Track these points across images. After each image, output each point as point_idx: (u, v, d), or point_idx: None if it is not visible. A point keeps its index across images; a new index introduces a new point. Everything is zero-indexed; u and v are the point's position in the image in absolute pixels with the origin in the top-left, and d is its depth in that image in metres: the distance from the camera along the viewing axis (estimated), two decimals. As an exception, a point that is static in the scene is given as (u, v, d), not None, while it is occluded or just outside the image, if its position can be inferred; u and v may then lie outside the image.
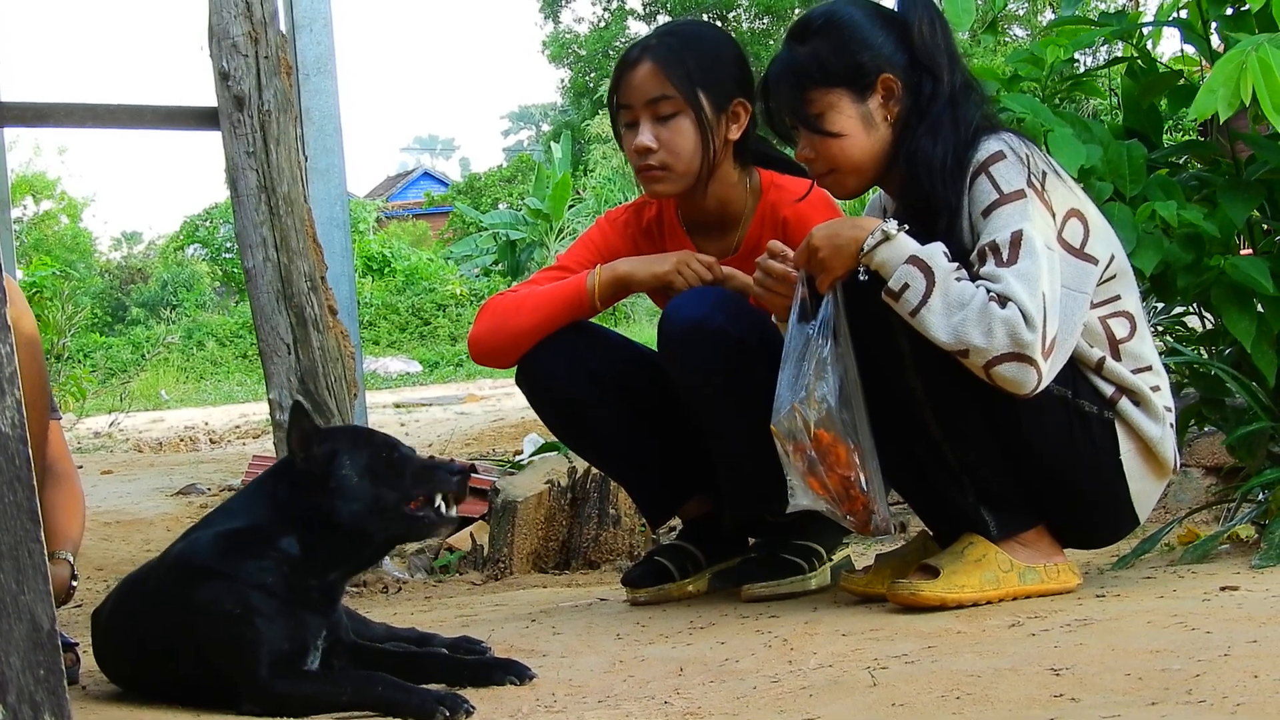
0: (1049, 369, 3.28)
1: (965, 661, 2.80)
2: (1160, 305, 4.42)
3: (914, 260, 3.31)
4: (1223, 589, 3.38)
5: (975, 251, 3.35)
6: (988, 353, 3.23)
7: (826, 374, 3.48)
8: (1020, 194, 3.36)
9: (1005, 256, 3.28)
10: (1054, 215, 3.38)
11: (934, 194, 3.46)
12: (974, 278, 3.30)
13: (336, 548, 3.00)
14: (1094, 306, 3.46)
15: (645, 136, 3.95)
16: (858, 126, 3.61)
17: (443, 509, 3.02)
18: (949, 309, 3.26)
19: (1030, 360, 3.23)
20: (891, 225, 3.37)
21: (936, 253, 3.32)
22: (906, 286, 3.30)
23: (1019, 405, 3.37)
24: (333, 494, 2.96)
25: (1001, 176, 3.39)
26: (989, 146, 3.44)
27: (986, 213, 3.37)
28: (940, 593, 3.45)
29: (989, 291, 3.24)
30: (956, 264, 3.31)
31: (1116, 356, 3.49)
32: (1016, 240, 3.29)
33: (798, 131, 3.68)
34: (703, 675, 2.94)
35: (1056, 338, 3.28)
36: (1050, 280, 3.28)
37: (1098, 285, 3.45)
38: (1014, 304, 3.21)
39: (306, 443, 2.98)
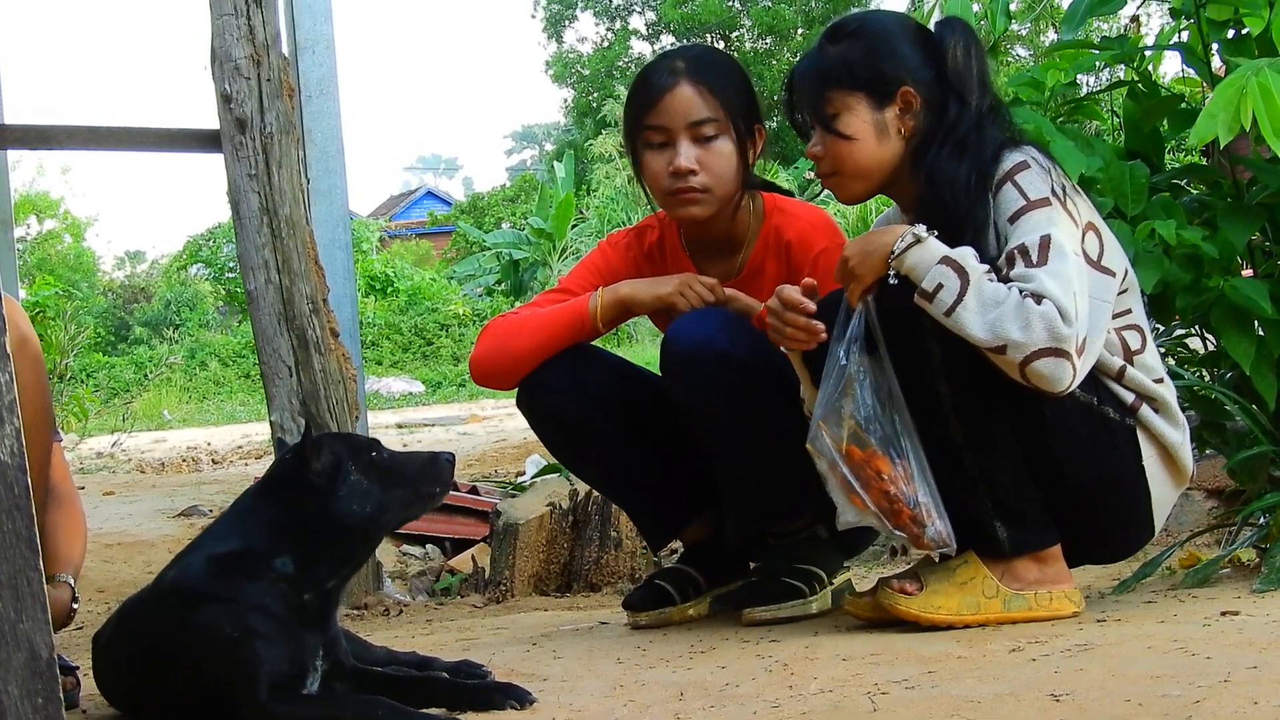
0: (1081, 367, 3.29)
1: (966, 687, 2.80)
2: (1160, 328, 4.42)
3: (946, 261, 3.32)
4: (1223, 614, 3.38)
5: (1004, 256, 3.36)
6: (1026, 347, 3.22)
7: (854, 389, 3.47)
8: (1046, 201, 3.39)
9: (1035, 258, 3.29)
10: (1076, 225, 3.41)
11: (958, 210, 3.47)
12: (1004, 281, 3.30)
13: (337, 554, 3.00)
14: (1111, 318, 3.49)
15: (686, 158, 3.94)
16: (870, 132, 3.63)
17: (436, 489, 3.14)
18: (984, 307, 3.26)
19: (1067, 355, 3.23)
20: (921, 229, 3.38)
21: (968, 254, 3.33)
22: (940, 287, 3.30)
23: (1045, 412, 3.39)
24: (344, 500, 2.98)
25: (1027, 184, 3.42)
26: (1013, 158, 3.47)
27: (1013, 219, 3.39)
28: (915, 610, 3.47)
29: (1022, 291, 3.25)
30: (987, 266, 3.32)
31: (1131, 367, 3.51)
32: (1045, 243, 3.30)
33: (813, 129, 3.70)
34: (703, 699, 2.93)
35: (1088, 339, 3.30)
36: (1081, 283, 3.29)
37: (1116, 296, 3.48)
38: (1049, 300, 3.22)
39: (315, 457, 2.99)
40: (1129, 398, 3.50)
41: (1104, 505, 3.55)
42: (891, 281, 3.41)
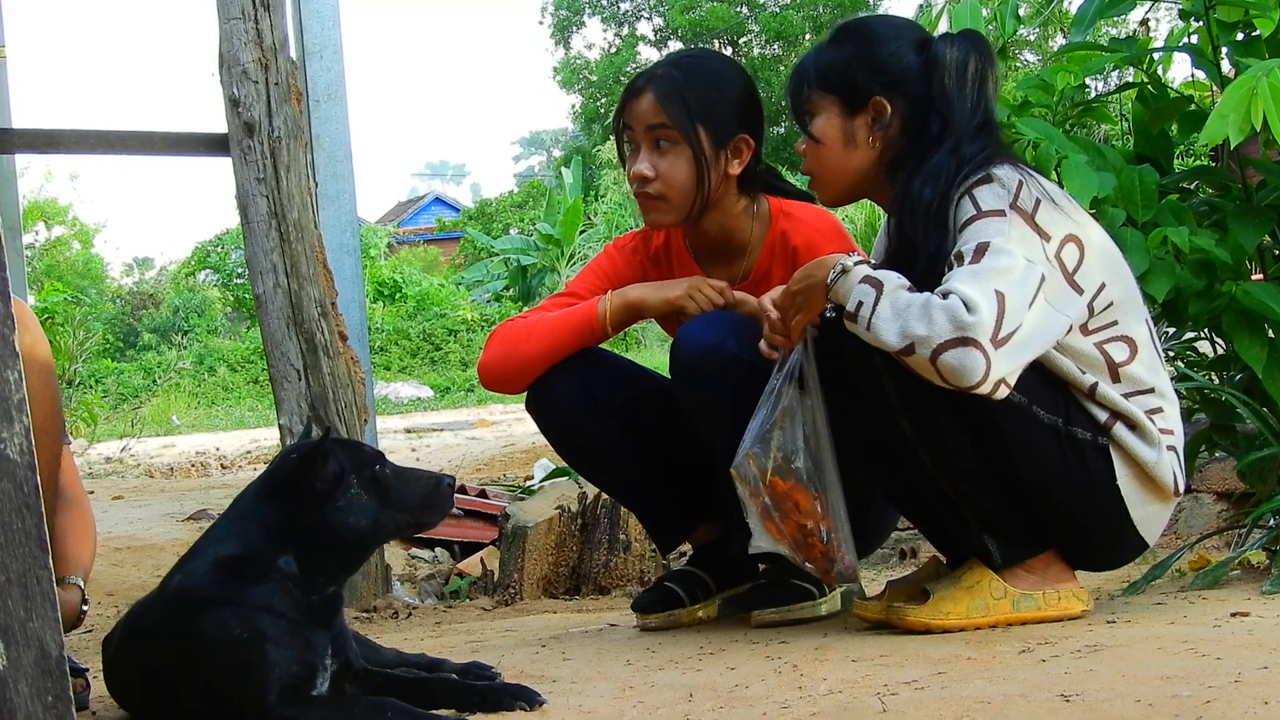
0: (1000, 360, 3.20)
1: (975, 688, 2.79)
2: (1171, 330, 4.42)
3: (867, 279, 3.32)
4: (1233, 615, 3.38)
5: (945, 265, 3.35)
6: (931, 341, 3.18)
7: (787, 423, 3.56)
8: (999, 213, 3.34)
9: (967, 261, 3.27)
10: (1049, 239, 3.35)
11: (917, 240, 3.45)
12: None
13: (332, 561, 3.00)
14: (1090, 332, 3.44)
15: (643, 165, 3.97)
16: (837, 138, 3.64)
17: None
18: (896, 313, 3.24)
19: (974, 343, 3.16)
20: (850, 259, 3.39)
21: (889, 273, 3.32)
22: (860, 304, 3.30)
23: (1009, 437, 3.37)
24: (341, 511, 2.98)
25: (982, 198, 3.38)
26: (977, 173, 3.43)
27: (962, 229, 3.37)
28: (925, 618, 3.47)
29: (934, 292, 3.24)
30: (908, 283, 3.30)
31: (1115, 379, 3.46)
32: (981, 249, 3.27)
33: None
34: (712, 701, 2.93)
35: (1016, 335, 3.22)
36: (1020, 285, 3.24)
37: (1095, 314, 3.44)
38: (955, 294, 3.19)
39: (322, 462, 2.98)
40: (1102, 416, 3.45)
41: (1083, 522, 3.52)
42: (829, 314, 3.43)
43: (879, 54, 3.63)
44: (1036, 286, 3.28)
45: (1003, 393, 3.26)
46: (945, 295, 3.21)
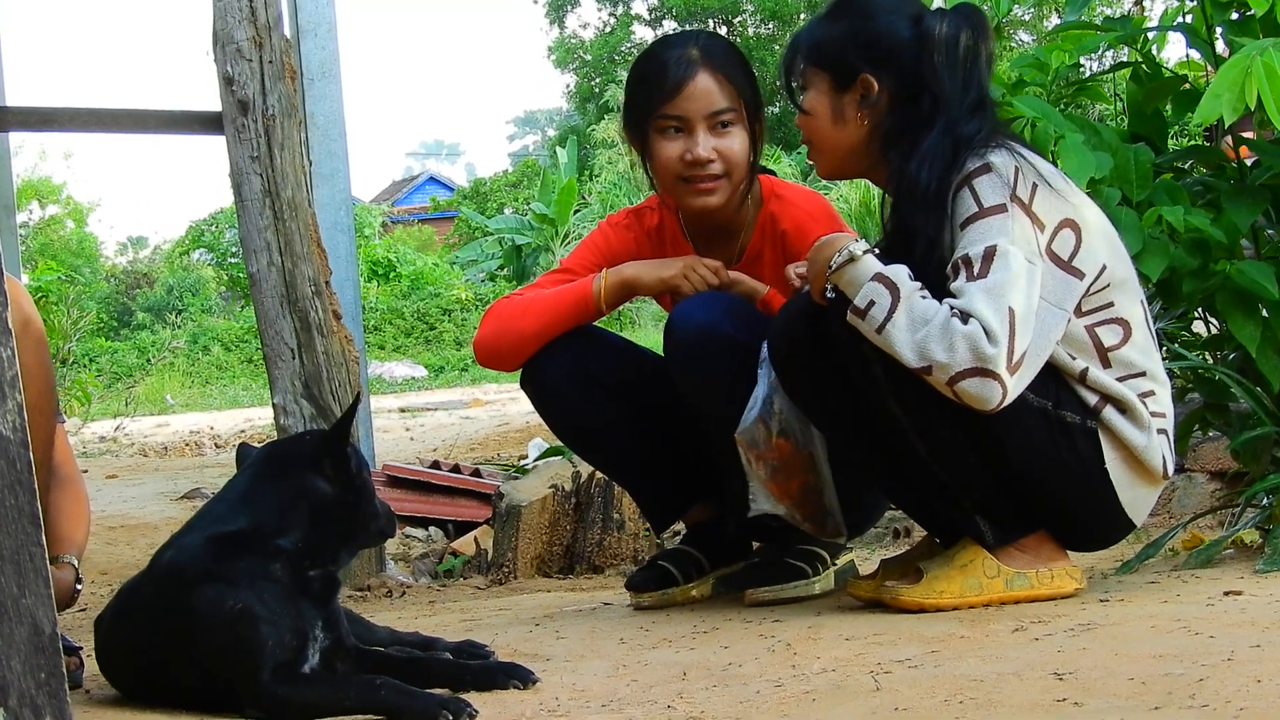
0: (1015, 384, 3.27)
1: (968, 666, 2.80)
2: (1165, 310, 4.41)
3: (880, 277, 3.31)
4: (1226, 594, 3.38)
5: (950, 265, 3.34)
6: (950, 369, 3.22)
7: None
8: (1001, 208, 3.33)
9: (976, 270, 3.27)
10: (1043, 228, 3.36)
11: (914, 221, 3.45)
12: (946, 292, 3.30)
13: (340, 540, 3.04)
14: (1082, 315, 3.44)
15: (705, 148, 3.94)
16: (826, 113, 3.66)
17: None
18: (913, 325, 3.25)
19: (993, 375, 3.22)
20: (859, 246, 3.38)
21: (902, 272, 3.32)
22: (872, 304, 3.30)
23: (999, 420, 3.36)
24: (359, 491, 3.05)
25: (983, 191, 3.36)
26: (974, 161, 3.41)
27: (964, 225, 3.36)
28: (918, 597, 3.48)
29: (952, 308, 3.24)
30: (919, 284, 3.31)
31: (1106, 364, 3.46)
32: (989, 254, 3.27)
33: None
34: (706, 679, 2.94)
35: (1027, 353, 3.27)
36: (1026, 295, 3.26)
37: (1090, 294, 3.43)
38: (975, 319, 3.21)
39: (349, 435, 3.03)
40: (1092, 400, 3.45)
41: (1069, 506, 3.53)
42: (829, 295, 3.42)
43: (872, 29, 3.61)
44: (1037, 288, 3.30)
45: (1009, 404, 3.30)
46: (965, 318, 3.22)
